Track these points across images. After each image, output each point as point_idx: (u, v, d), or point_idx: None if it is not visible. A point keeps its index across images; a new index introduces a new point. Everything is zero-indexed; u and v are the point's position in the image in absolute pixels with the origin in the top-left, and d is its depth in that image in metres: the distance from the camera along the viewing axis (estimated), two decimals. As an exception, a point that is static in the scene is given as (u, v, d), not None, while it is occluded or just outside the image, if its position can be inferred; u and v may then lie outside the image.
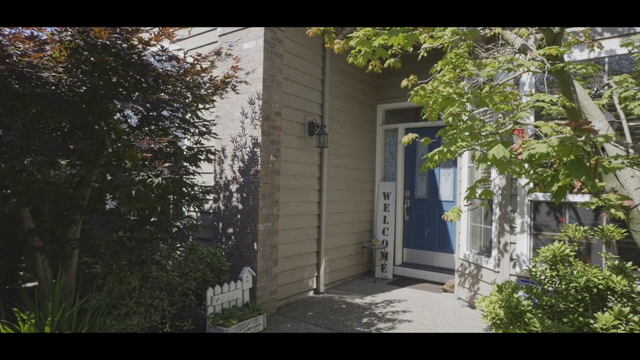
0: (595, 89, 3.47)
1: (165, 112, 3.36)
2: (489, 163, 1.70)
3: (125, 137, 3.33)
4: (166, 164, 2.83)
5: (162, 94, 3.15)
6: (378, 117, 6.93)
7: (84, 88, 3.04)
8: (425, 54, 2.56)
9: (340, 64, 5.97)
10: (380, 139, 6.93)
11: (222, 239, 4.73)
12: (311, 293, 5.48)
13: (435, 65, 2.66)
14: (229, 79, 3.59)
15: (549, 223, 4.19)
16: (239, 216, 4.60)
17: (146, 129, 3.45)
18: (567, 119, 2.11)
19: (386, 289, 5.81)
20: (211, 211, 4.89)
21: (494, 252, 4.55)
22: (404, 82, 3.01)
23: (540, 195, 4.20)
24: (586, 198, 3.90)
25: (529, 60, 1.83)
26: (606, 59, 3.80)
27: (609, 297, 2.64)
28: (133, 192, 2.68)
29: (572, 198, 4.02)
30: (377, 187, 6.86)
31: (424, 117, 2.99)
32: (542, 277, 3.01)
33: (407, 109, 6.79)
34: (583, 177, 1.01)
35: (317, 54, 5.45)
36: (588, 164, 1.03)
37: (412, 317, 4.60)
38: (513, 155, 1.43)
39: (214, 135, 3.90)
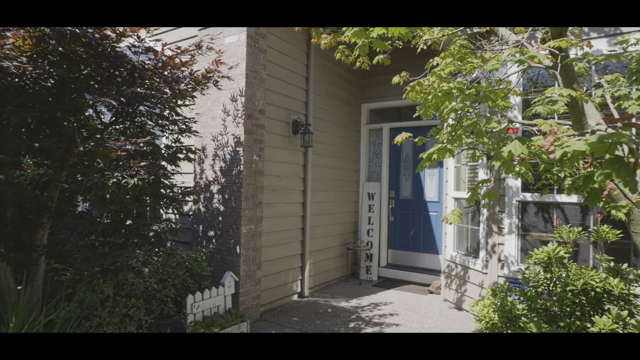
0: (584, 88, 3.44)
1: (142, 108, 3.14)
2: (479, 161, 1.58)
3: (99, 135, 3.09)
4: (142, 163, 2.61)
5: (139, 88, 2.93)
6: (362, 116, 6.82)
7: (52, 81, 2.79)
8: (425, 47, 2.44)
9: (325, 62, 5.83)
10: (364, 139, 6.83)
11: (202, 242, 4.51)
12: (295, 297, 5.32)
13: (431, 60, 2.55)
14: (211, 74, 3.39)
15: (537, 224, 4.16)
16: (220, 218, 4.39)
17: (121, 126, 3.22)
18: (570, 116, 2.03)
19: (372, 292, 5.70)
20: (191, 213, 4.66)
21: (482, 254, 4.49)
22: (396, 79, 2.88)
23: (528, 196, 4.17)
24: (570, 199, 3.88)
25: (537, 52, 1.74)
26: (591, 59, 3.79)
27: (605, 300, 2.59)
28: (107, 195, 2.46)
29: (559, 198, 4.00)
30: (362, 188, 6.75)
31: (415, 115, 2.88)
32: (537, 279, 2.95)
33: (392, 108, 6.71)
34: (625, 177, 0.91)
35: (301, 51, 5.30)
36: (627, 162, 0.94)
37: (400, 320, 4.50)
38: (534, 153, 1.32)
39: (195, 133, 3.69)
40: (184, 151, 3.53)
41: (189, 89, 3.37)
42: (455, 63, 2.18)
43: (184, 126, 3.50)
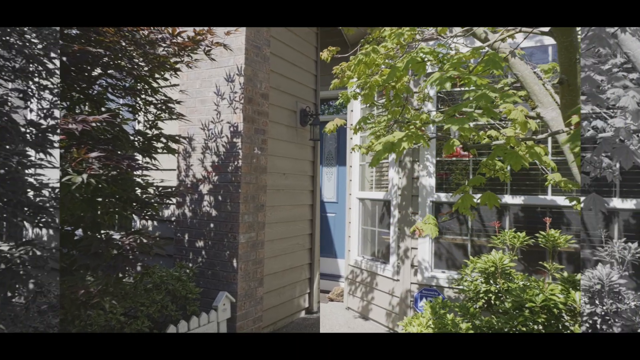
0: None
1: (102, 80, 2.30)
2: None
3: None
4: (93, 154, 1.78)
5: (92, 48, 2.10)
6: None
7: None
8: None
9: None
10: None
11: (188, 255, 3.66)
12: (303, 313, 4.54)
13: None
14: (202, 36, 2.53)
15: (451, 226, 3.80)
16: (212, 225, 3.56)
17: (67, 103, 2.35)
18: (562, 98, 1.70)
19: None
20: (173, 219, 3.79)
21: (393, 259, 4.01)
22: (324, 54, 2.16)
23: (442, 196, 3.76)
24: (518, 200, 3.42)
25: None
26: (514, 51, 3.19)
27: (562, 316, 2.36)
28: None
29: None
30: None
31: (337, 103, 2.38)
32: (477, 292, 2.69)
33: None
34: None
35: (310, 30, 4.49)
36: None
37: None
38: None
39: (180, 117, 2.84)
40: (164, 140, 2.68)
41: (170, 57, 2.52)
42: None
43: (163, 106, 2.66)
